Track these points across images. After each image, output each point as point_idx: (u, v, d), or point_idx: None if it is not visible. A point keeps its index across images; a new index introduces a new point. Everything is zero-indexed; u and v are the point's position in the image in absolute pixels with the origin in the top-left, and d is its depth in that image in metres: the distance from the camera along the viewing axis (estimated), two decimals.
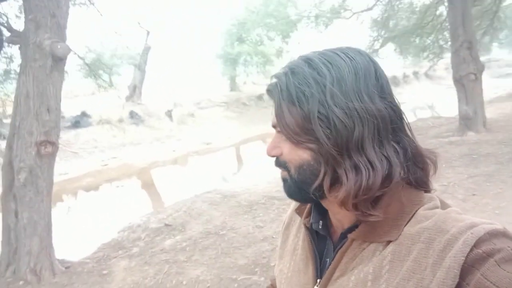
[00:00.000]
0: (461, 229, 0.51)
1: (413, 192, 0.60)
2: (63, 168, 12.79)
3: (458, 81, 7.92)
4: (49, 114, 3.60)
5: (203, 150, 15.08)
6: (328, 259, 0.64)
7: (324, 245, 0.67)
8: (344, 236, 0.62)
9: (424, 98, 22.29)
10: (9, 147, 3.63)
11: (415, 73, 25.59)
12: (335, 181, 0.57)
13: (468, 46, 7.76)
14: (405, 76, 25.28)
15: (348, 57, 0.58)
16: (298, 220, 0.76)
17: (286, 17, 17.28)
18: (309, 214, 0.70)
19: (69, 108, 15.74)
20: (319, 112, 0.56)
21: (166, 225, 4.66)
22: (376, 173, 0.55)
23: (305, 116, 0.56)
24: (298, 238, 0.73)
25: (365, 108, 0.56)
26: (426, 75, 25.18)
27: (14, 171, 3.57)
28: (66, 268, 3.85)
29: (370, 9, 11.16)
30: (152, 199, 8.57)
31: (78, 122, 15.55)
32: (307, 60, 0.59)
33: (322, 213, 0.68)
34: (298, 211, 0.74)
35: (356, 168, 0.56)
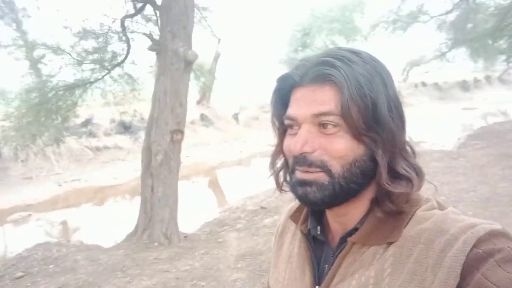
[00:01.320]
0: (461, 229, 0.51)
1: (412, 193, 0.59)
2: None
3: None
4: (181, 108, 4.43)
5: (267, 152, 15.73)
6: (326, 265, 0.63)
7: (321, 252, 0.66)
8: (343, 240, 0.61)
9: (497, 103, 21.14)
10: (148, 134, 4.51)
11: (487, 78, 24.34)
12: (394, 176, 0.57)
13: None
14: (476, 81, 24.16)
15: (375, 57, 0.60)
16: (292, 228, 0.74)
17: (351, 22, 17.58)
18: (305, 221, 0.69)
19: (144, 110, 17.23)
20: (388, 104, 0.55)
21: (262, 207, 5.33)
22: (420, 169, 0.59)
23: (374, 107, 0.54)
24: (293, 246, 0.71)
25: (402, 108, 0.59)
26: (500, 79, 23.86)
27: (151, 154, 4.43)
28: (184, 237, 4.64)
29: (449, 12, 11.16)
30: (234, 190, 9.34)
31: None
32: (355, 52, 0.57)
33: (319, 218, 0.67)
34: (293, 218, 0.72)
35: (411, 164, 0.58)
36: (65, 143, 14.61)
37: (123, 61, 5.92)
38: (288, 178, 0.65)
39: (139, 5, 5.32)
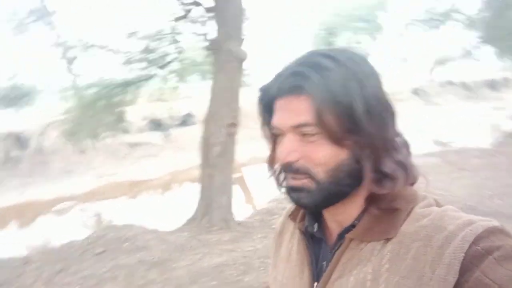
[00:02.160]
0: (459, 226, 0.51)
1: (407, 190, 0.60)
2: (176, 160, 14.79)
3: None
4: (235, 103, 4.80)
5: None
6: (324, 262, 0.64)
7: (319, 249, 0.66)
8: (341, 237, 0.62)
9: None
10: (206, 127, 4.90)
11: None
12: (380, 176, 0.57)
13: None
14: (506, 80, 23.74)
15: (356, 55, 0.59)
16: (291, 227, 0.75)
17: (375, 20, 17.67)
18: (303, 219, 0.70)
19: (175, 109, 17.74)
20: (364, 106, 0.55)
21: None
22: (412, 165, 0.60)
23: (349, 112, 0.54)
24: (292, 244, 0.72)
25: (389, 103, 0.59)
26: None
27: (209, 146, 4.81)
28: (238, 223, 5.01)
29: (482, 11, 11.20)
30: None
31: (185, 121, 17.45)
32: (329, 56, 0.57)
33: (316, 216, 0.68)
34: (292, 216, 0.74)
35: (398, 162, 0.58)
36: (102, 140, 15.36)
37: (173, 60, 6.35)
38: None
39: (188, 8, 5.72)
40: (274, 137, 0.63)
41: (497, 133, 11.11)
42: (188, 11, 5.70)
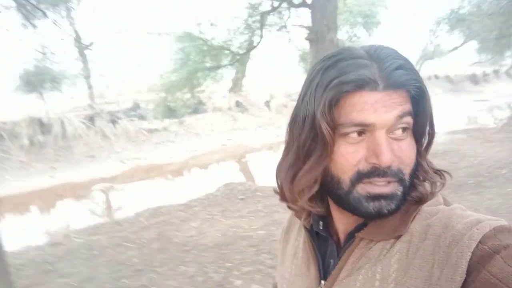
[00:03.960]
0: (467, 225, 0.51)
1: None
2: (193, 146, 15.66)
3: None
4: None
5: None
6: (332, 260, 0.64)
7: (326, 247, 0.67)
8: (351, 235, 0.62)
9: (506, 96, 22.91)
10: None
11: (496, 72, 26.21)
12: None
13: None
14: (485, 75, 25.99)
15: None
16: (297, 224, 0.76)
17: (376, 16, 19.21)
18: (308, 216, 0.70)
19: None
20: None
21: None
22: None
23: (430, 109, 0.56)
24: (298, 242, 0.73)
25: None
26: (508, 74, 25.76)
27: None
28: None
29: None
30: None
31: (197, 108, 18.25)
32: (399, 51, 0.56)
33: (321, 214, 0.67)
34: (298, 214, 0.72)
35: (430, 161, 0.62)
36: (120, 124, 15.96)
37: (252, 49, 7.33)
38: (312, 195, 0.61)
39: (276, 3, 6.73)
40: (332, 139, 0.55)
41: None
42: (277, 6, 6.72)
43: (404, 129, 0.54)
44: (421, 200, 0.58)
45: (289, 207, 0.68)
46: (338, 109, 0.54)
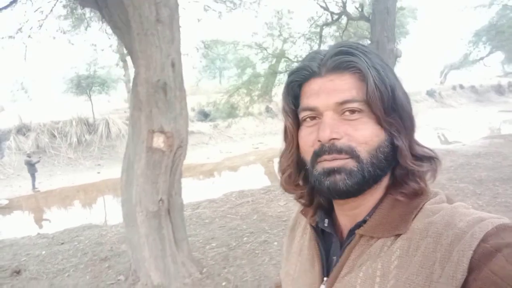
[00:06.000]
0: (469, 223, 0.52)
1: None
2: (227, 148, 16.63)
3: None
4: None
5: None
6: (335, 257, 0.66)
7: (331, 244, 0.68)
8: (352, 233, 0.63)
9: None
10: None
11: None
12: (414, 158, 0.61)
13: None
14: (510, 85, 26.54)
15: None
16: (303, 222, 0.78)
17: (405, 26, 20.11)
18: (314, 214, 0.72)
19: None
20: (401, 90, 0.60)
21: None
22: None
23: (392, 92, 0.58)
24: (304, 239, 0.75)
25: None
26: None
27: None
28: None
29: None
30: None
31: (230, 113, 19.20)
32: (364, 45, 0.61)
33: (328, 212, 0.70)
34: (304, 212, 0.75)
35: (424, 146, 0.63)
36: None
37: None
38: (298, 179, 0.69)
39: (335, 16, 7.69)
40: (297, 124, 0.65)
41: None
42: (336, 19, 7.68)
43: (352, 111, 0.58)
44: (415, 195, 0.60)
45: (296, 199, 0.74)
46: (301, 98, 0.63)
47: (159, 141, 3.04)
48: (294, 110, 0.65)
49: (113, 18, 3.18)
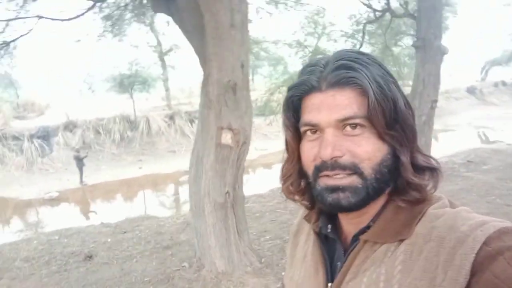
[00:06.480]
0: (471, 227, 0.52)
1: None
2: (263, 146, 16.83)
3: None
4: (438, 84, 6.74)
5: None
6: (339, 263, 0.66)
7: (335, 250, 0.68)
8: (356, 238, 0.64)
9: None
10: (412, 102, 6.86)
11: None
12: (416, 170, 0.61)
13: None
14: None
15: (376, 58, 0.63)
16: (306, 228, 0.77)
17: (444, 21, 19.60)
18: (317, 219, 0.72)
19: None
20: (403, 101, 0.60)
21: (469, 161, 7.59)
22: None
23: (394, 106, 0.58)
24: (307, 245, 0.75)
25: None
26: None
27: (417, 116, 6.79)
28: None
29: None
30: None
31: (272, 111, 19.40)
32: (363, 54, 0.61)
33: (331, 217, 0.70)
34: (307, 218, 0.75)
35: (426, 156, 0.63)
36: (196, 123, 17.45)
37: None
38: (300, 186, 0.69)
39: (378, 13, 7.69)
40: (298, 137, 0.65)
41: None
42: (379, 16, 7.68)
43: (354, 126, 0.58)
44: (418, 202, 0.60)
45: (299, 202, 0.73)
46: (301, 112, 0.63)
47: (227, 138, 3.27)
48: (295, 123, 0.65)
49: (184, 23, 3.43)
